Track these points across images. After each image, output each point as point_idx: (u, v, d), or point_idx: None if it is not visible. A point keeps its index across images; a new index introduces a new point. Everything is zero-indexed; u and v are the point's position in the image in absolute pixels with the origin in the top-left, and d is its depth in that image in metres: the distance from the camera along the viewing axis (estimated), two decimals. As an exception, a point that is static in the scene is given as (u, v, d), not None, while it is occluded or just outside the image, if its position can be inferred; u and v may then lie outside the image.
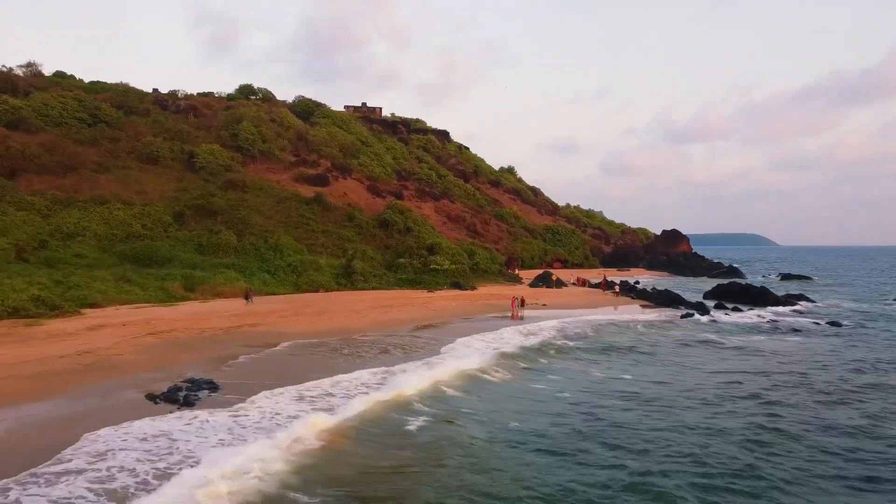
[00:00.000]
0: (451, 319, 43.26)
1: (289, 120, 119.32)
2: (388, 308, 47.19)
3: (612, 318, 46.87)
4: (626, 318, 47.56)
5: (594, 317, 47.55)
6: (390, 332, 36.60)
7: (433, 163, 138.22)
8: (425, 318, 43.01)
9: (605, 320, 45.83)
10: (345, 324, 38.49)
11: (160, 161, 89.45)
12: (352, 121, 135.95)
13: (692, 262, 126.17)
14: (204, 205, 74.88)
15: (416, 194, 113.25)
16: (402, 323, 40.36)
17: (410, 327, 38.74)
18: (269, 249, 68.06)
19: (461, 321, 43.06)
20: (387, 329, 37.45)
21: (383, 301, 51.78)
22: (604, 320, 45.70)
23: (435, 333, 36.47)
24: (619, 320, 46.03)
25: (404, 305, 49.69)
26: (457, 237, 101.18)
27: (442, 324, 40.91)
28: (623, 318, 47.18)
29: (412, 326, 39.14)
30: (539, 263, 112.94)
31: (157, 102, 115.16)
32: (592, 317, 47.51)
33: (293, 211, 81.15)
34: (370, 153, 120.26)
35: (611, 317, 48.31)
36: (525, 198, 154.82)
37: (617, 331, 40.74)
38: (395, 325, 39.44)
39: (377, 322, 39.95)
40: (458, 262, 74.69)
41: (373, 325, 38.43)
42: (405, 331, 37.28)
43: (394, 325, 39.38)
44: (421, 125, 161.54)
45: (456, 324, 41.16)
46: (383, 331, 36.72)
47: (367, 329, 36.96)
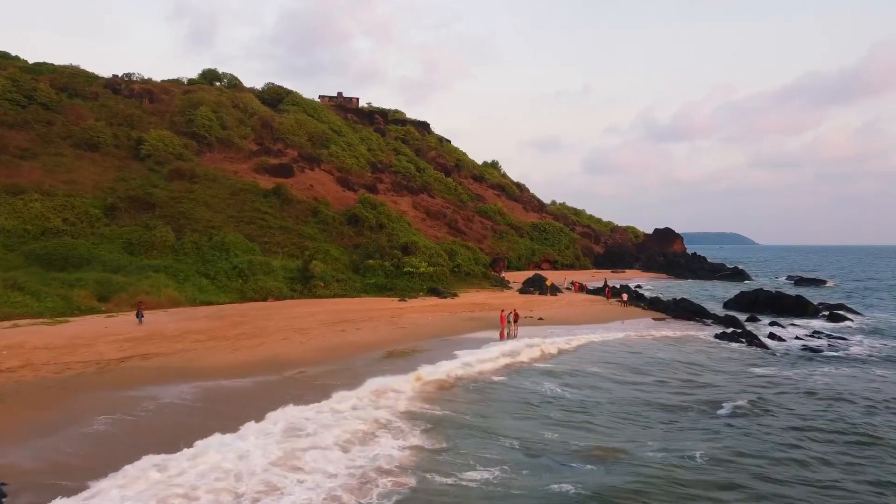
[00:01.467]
0: (423, 343, 33.23)
1: (253, 106, 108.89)
2: (345, 325, 37.08)
3: (633, 342, 37.07)
4: (650, 338, 37.92)
5: (607, 335, 37.80)
6: (339, 364, 26.54)
7: (412, 155, 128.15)
8: (391, 341, 32.95)
9: (619, 340, 36.17)
10: (280, 352, 28.34)
11: (100, 148, 78.87)
12: (324, 109, 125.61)
13: (693, 264, 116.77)
14: (141, 196, 64.25)
15: (391, 188, 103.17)
16: (358, 349, 30.27)
17: (368, 358, 28.64)
18: (214, 248, 57.65)
19: (439, 343, 33.09)
20: (336, 360, 27.36)
21: (342, 314, 41.66)
22: (614, 339, 36.03)
23: (402, 368, 26.39)
24: (649, 344, 36.24)
25: (368, 320, 39.60)
26: (436, 235, 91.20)
27: (411, 351, 30.86)
28: (648, 341, 37.43)
29: (371, 356, 29.05)
30: (527, 264, 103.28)
31: (108, 86, 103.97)
32: (605, 335, 37.77)
33: (247, 204, 70.72)
34: (342, 143, 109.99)
35: (624, 334, 38.68)
36: (510, 194, 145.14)
37: (661, 366, 30.29)
38: (349, 352, 29.36)
39: (325, 349, 29.83)
40: (436, 264, 64.68)
41: (318, 355, 28.31)
42: (361, 363, 27.22)
43: (347, 352, 29.29)
44: (400, 116, 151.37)
45: (432, 351, 31.17)
46: (330, 363, 26.66)
47: (308, 361, 26.88)
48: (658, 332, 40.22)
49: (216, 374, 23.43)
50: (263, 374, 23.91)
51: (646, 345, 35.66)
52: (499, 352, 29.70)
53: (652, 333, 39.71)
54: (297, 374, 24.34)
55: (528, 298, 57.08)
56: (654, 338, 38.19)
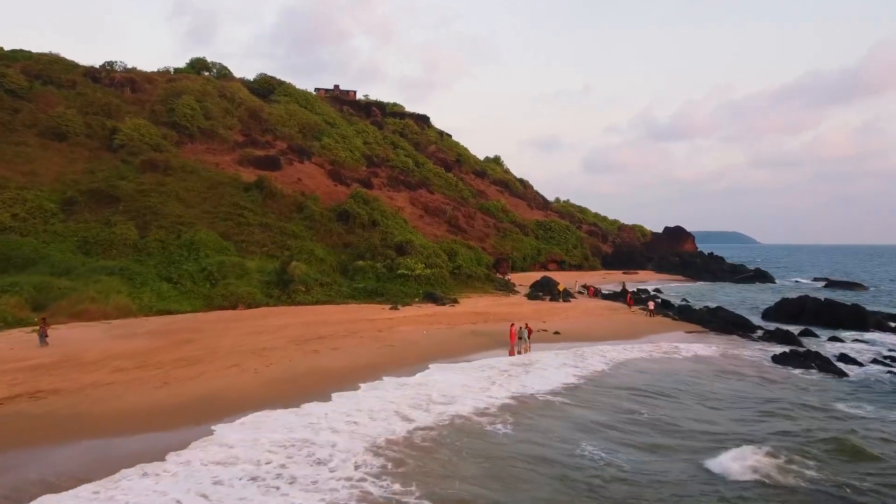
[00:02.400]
0: (415, 367, 26.39)
1: (241, 96, 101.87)
2: (320, 343, 30.28)
3: (677, 366, 30.23)
4: (691, 357, 31.07)
5: (640, 353, 30.98)
6: (291, 409, 19.71)
7: (410, 150, 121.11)
8: (372, 367, 26.10)
9: (657, 361, 29.33)
10: (221, 387, 21.57)
11: (69, 137, 72.22)
12: (318, 100, 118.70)
13: (710, 265, 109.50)
14: (103, 189, 57.50)
15: (387, 183, 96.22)
16: (327, 380, 23.45)
17: (338, 396, 21.76)
18: (182, 247, 50.92)
19: (435, 369, 26.28)
20: (291, 399, 20.56)
21: (320, 327, 34.86)
22: (651, 359, 29.18)
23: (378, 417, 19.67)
24: (699, 369, 29.39)
25: (350, 335, 32.80)
26: (435, 233, 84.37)
27: (396, 385, 23.97)
28: (694, 364, 30.60)
29: (345, 391, 22.20)
30: (532, 265, 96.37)
31: (88, 75, 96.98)
32: (637, 353, 30.96)
33: (225, 199, 63.90)
34: (335, 135, 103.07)
35: (662, 353, 31.87)
36: (514, 190, 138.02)
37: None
38: (312, 387, 22.54)
39: (284, 380, 23.04)
40: (434, 266, 57.86)
41: (270, 391, 21.50)
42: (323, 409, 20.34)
43: (310, 387, 22.48)
44: (398, 109, 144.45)
45: (428, 374, 24.41)
46: (282, 405, 19.84)
47: (253, 401, 20.10)
48: (700, 350, 33.40)
49: (115, 428, 16.67)
50: (178, 425, 17.13)
51: (695, 370, 28.81)
52: (507, 394, 22.85)
53: (695, 352, 32.88)
54: (224, 425, 17.57)
55: (537, 306, 50.18)
56: (696, 358, 31.35)
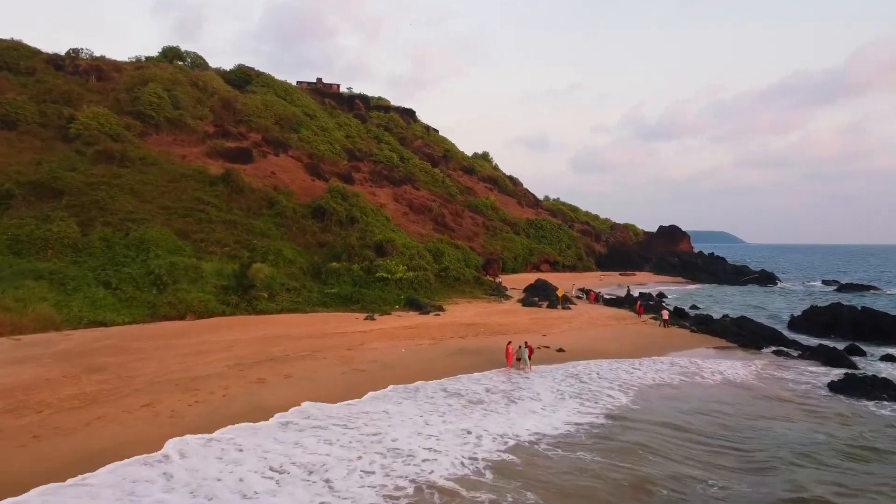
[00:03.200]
0: (382, 400, 20.58)
1: (214, 85, 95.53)
2: (271, 367, 24.34)
3: (721, 393, 24.52)
4: (733, 382, 25.41)
5: (658, 372, 25.27)
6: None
7: (395, 144, 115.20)
8: (331, 399, 20.21)
9: (694, 387, 23.66)
10: (117, 439, 15.61)
11: (19, 126, 66.10)
12: (297, 92, 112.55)
13: (712, 266, 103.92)
14: (45, 181, 51.14)
15: (370, 178, 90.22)
16: (266, 419, 17.57)
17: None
18: (130, 247, 44.76)
19: (410, 412, 20.47)
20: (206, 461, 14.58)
21: (277, 344, 28.89)
22: (688, 385, 23.52)
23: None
24: (754, 403, 23.68)
25: (311, 355, 26.86)
26: (420, 231, 78.50)
27: (356, 439, 18.07)
28: (739, 393, 24.91)
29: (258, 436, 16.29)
30: (524, 265, 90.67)
31: (50, 62, 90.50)
32: (658, 372, 25.26)
33: (187, 193, 57.71)
34: (315, 127, 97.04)
35: (674, 377, 26.21)
36: (503, 187, 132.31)
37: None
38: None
39: (207, 426, 17.09)
40: (418, 268, 51.97)
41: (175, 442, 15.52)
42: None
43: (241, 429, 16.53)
44: (383, 103, 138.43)
45: (394, 415, 18.58)
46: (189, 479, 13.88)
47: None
48: (735, 372, 27.76)
49: None
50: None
51: (742, 402, 23.14)
52: (497, 447, 17.06)
53: (729, 375, 27.22)
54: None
55: (534, 314, 44.27)
56: (734, 383, 25.68)
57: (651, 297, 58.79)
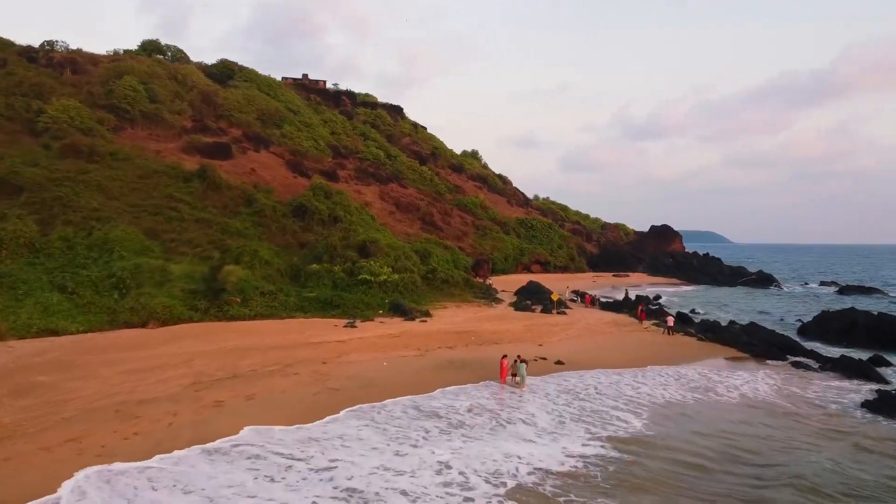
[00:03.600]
0: (349, 425, 17.62)
1: (195, 78, 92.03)
2: (233, 385, 21.34)
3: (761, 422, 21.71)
4: (757, 402, 22.63)
5: (667, 386, 22.43)
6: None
7: (382, 141, 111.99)
8: (299, 421, 17.21)
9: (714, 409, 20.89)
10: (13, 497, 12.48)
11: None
12: (281, 87, 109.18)
13: (708, 267, 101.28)
14: (4, 177, 47.74)
15: (355, 175, 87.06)
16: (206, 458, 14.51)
17: None
18: (92, 247, 41.54)
19: (374, 435, 17.50)
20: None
21: (242, 357, 25.81)
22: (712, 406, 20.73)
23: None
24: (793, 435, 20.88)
25: (279, 371, 23.84)
26: (407, 231, 75.48)
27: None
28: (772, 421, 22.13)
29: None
30: (514, 266, 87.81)
31: (23, 54, 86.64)
32: (667, 387, 22.41)
33: (159, 190, 54.46)
34: (299, 123, 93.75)
35: (687, 393, 23.42)
36: (493, 186, 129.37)
37: None
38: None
39: (138, 461, 14.02)
40: (404, 269, 48.97)
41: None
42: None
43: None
44: (371, 99, 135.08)
45: (358, 452, 15.61)
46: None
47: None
48: (754, 387, 24.97)
49: None
50: None
51: (769, 424, 20.35)
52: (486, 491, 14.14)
53: (747, 390, 24.43)
54: None
55: (528, 320, 41.32)
56: (756, 402, 22.88)
57: (649, 300, 56.04)
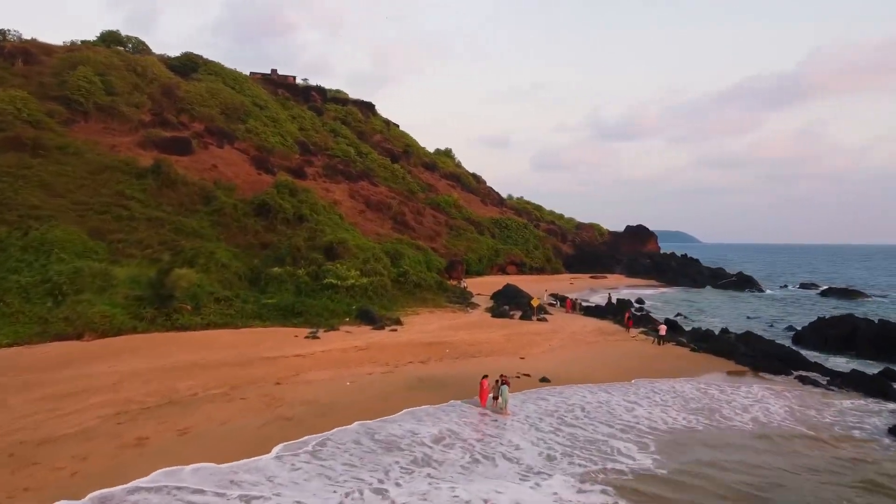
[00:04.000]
0: (303, 464, 14.41)
1: (155, 70, 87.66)
2: (167, 414, 18.04)
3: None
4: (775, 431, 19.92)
5: (666, 407, 19.64)
6: None
7: (353, 138, 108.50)
8: (238, 459, 13.94)
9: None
10: None
11: (-85, 111, 58.06)
12: (247, 81, 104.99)
13: (687, 268, 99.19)
14: (-68, 171, 43.60)
15: (324, 173, 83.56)
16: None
17: None
18: (28, 249, 37.60)
19: (312, 481, 14.33)
20: None
21: (184, 377, 22.44)
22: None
23: None
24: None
25: (225, 395, 20.54)
26: (378, 231, 72.19)
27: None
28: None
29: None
30: (489, 267, 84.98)
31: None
32: (666, 408, 19.62)
33: (109, 186, 50.54)
34: (265, 118, 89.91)
35: (692, 418, 20.71)
36: (466, 185, 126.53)
37: None
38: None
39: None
40: (373, 273, 45.74)
41: None
42: None
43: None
44: (341, 95, 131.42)
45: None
46: None
47: None
48: (763, 407, 22.26)
49: None
50: None
51: (794, 453, 17.61)
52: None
53: (756, 412, 21.71)
54: None
55: (507, 328, 38.30)
56: (770, 427, 20.16)
57: (630, 303, 53.51)
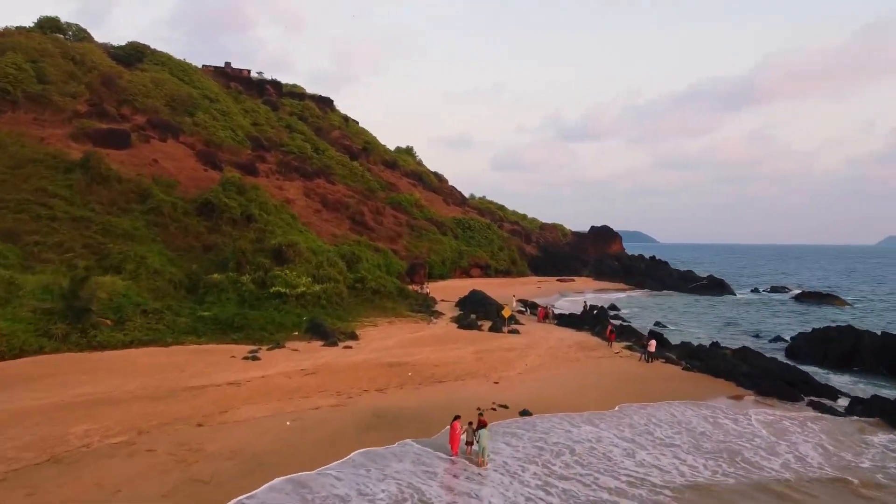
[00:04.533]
0: None
1: (95, 58, 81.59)
2: (27, 488, 13.46)
3: None
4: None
5: (675, 447, 15.99)
6: None
7: (310, 134, 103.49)
8: None
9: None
10: None
11: None
12: (197, 73, 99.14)
13: (656, 271, 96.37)
14: None
15: (277, 169, 78.64)
16: None
17: None
18: (-79, 255, 32.34)
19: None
20: None
21: (76, 418, 18.01)
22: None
23: None
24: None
25: (122, 448, 16.18)
26: (334, 232, 67.68)
27: None
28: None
29: None
30: (452, 270, 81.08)
31: None
32: (674, 448, 15.96)
33: (31, 182, 45.14)
34: (214, 111, 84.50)
35: (711, 462, 17.18)
36: (428, 183, 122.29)
37: None
38: None
39: None
40: (327, 279, 41.37)
41: None
42: None
43: None
44: (298, 90, 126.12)
45: None
46: None
47: None
48: (797, 448, 18.77)
49: None
50: None
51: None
52: None
53: (796, 451, 18.17)
54: None
55: (477, 343, 34.17)
56: (820, 478, 16.64)
57: (606, 311, 50.07)
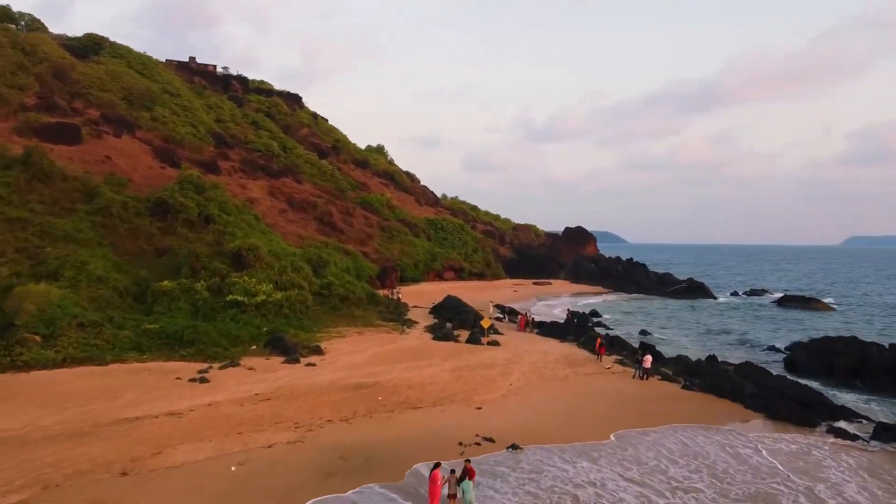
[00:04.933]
0: None
1: (46, 49, 77.02)
2: None
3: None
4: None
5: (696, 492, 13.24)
6: None
7: (277, 132, 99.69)
8: None
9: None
10: None
11: None
12: (158, 66, 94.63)
13: (635, 274, 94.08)
14: None
15: (241, 167, 74.80)
16: None
17: None
18: None
19: None
20: None
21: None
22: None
23: None
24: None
25: (31, 495, 12.76)
26: (301, 233, 64.20)
27: None
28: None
29: None
30: (425, 272, 78.01)
31: None
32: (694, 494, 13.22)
33: (-37, 179, 41.08)
34: (175, 106, 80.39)
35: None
36: (400, 183, 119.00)
37: None
38: None
39: None
40: (290, 286, 38.06)
41: None
42: None
43: None
44: (265, 86, 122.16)
45: None
46: None
47: None
48: (843, 495, 16.16)
49: None
50: None
51: None
52: None
53: (842, 498, 15.55)
54: None
55: (455, 358, 31.05)
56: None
57: (587, 318, 47.53)
